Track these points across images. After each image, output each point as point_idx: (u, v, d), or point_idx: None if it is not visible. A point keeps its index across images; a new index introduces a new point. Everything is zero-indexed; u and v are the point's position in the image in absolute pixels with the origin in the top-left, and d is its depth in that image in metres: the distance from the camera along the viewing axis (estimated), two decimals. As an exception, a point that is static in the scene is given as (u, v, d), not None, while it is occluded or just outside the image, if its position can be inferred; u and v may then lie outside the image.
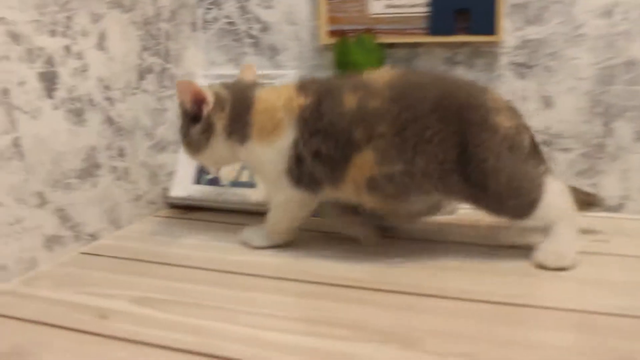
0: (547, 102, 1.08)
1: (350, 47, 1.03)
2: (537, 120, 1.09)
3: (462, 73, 1.11)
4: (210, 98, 0.86)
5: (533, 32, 1.06)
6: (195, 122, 0.87)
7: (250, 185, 1.09)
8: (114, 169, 0.99)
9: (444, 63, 1.12)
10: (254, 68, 0.97)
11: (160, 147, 1.11)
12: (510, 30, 1.07)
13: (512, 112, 0.83)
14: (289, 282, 0.79)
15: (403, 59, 1.14)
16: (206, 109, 0.86)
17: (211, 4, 1.23)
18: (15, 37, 0.79)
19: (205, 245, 0.94)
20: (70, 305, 0.74)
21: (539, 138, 1.08)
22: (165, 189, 1.14)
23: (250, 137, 0.86)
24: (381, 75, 0.82)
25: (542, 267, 0.80)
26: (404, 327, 0.65)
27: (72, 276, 0.83)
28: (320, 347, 0.62)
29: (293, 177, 0.84)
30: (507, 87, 1.09)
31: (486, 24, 1.05)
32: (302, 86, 0.85)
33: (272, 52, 1.21)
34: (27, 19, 0.81)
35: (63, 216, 0.89)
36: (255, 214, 1.03)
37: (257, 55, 1.22)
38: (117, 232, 1.01)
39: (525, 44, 1.07)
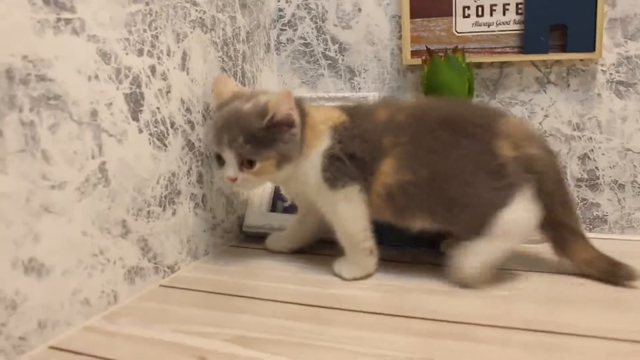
0: (649, 123, 1.01)
1: (440, 66, 0.97)
2: (638, 141, 1.01)
3: (555, 93, 1.04)
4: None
5: (634, 47, 0.99)
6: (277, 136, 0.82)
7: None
8: (193, 196, 0.93)
9: (536, 83, 1.05)
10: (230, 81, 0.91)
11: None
12: (609, 47, 1.00)
13: (526, 141, 0.80)
14: (401, 319, 0.71)
15: (491, 79, 1.07)
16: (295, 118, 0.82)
17: (285, 24, 1.18)
18: (105, 56, 0.75)
19: (295, 278, 0.87)
20: (164, 345, 0.68)
21: (641, 160, 1.01)
22: (240, 218, 1.07)
23: (301, 152, 0.84)
24: (410, 100, 0.91)
25: None
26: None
27: (156, 311, 0.77)
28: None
29: (329, 179, 0.83)
30: (605, 107, 1.02)
31: (585, 40, 0.99)
32: (342, 107, 0.89)
33: (350, 73, 1.15)
34: (117, 36, 0.76)
35: (144, 247, 0.83)
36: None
37: (334, 77, 1.17)
38: (195, 263, 0.95)
39: (625, 60, 1.00)
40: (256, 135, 0.79)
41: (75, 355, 0.66)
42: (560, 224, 0.80)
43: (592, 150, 1.04)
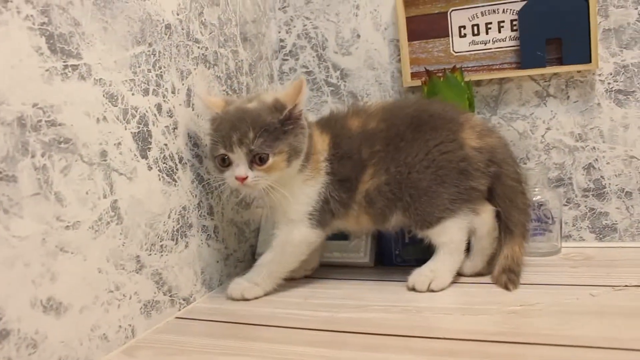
0: (652, 129, 1.01)
1: (440, 86, 0.99)
2: (641, 148, 1.02)
3: (555, 106, 1.05)
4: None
5: (630, 56, 1.01)
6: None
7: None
8: (204, 229, 0.95)
9: (536, 97, 1.06)
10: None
11: (245, 203, 1.07)
12: (605, 57, 1.02)
13: (488, 132, 0.88)
14: (415, 339, 0.72)
15: (491, 96, 1.09)
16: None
17: (287, 54, 1.21)
18: (112, 98, 0.77)
19: (308, 304, 0.88)
20: (183, 376, 0.69)
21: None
22: (252, 246, 1.09)
23: (303, 172, 0.86)
24: (377, 103, 0.93)
25: (413, 289, 0.87)
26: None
27: (174, 343, 0.78)
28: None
29: (314, 218, 0.87)
30: (606, 116, 1.03)
31: (580, 52, 1.00)
32: (321, 125, 0.91)
33: (353, 98, 1.18)
34: (122, 78, 0.79)
35: (159, 280, 0.85)
36: (352, 266, 0.98)
37: (337, 103, 1.19)
38: (210, 294, 0.96)
39: (622, 69, 1.01)
40: (268, 130, 0.81)
41: (96, 391, 0.68)
42: (511, 217, 0.87)
43: (596, 159, 1.04)
